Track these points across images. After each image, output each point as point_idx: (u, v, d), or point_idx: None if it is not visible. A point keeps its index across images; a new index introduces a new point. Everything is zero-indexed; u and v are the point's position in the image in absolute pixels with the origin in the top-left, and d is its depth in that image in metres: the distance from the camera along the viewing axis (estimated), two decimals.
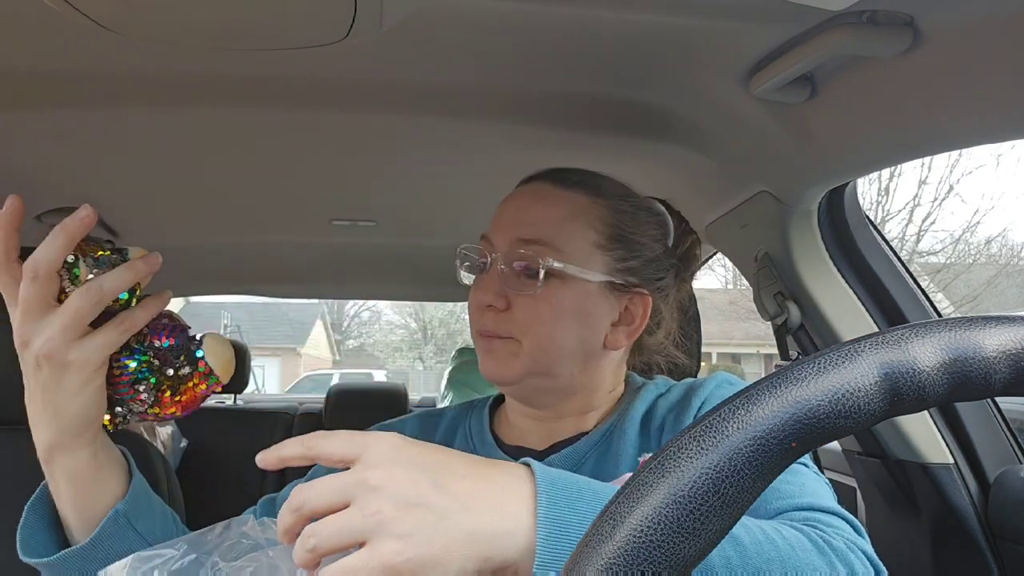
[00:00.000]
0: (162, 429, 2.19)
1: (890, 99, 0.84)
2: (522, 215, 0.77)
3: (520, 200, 0.79)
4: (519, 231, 0.75)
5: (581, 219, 0.76)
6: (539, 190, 0.79)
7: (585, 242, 0.76)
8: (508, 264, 0.75)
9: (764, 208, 1.21)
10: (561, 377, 0.76)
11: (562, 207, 0.76)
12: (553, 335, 0.74)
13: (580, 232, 0.76)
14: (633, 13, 0.79)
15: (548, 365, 0.75)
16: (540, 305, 0.74)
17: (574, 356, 0.76)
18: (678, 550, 0.30)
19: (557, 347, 0.75)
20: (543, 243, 0.74)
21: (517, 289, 0.74)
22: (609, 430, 0.77)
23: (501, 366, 0.75)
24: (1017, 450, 1.23)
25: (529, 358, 0.74)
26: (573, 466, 0.75)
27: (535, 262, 0.73)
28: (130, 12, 0.76)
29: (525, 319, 0.74)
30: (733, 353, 16.73)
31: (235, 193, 1.56)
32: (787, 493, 0.62)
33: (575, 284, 0.74)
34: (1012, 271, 12.90)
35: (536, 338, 0.74)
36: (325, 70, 0.97)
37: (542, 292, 0.73)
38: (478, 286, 0.77)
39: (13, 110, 1.06)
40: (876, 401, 0.31)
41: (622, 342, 0.79)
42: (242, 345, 2.64)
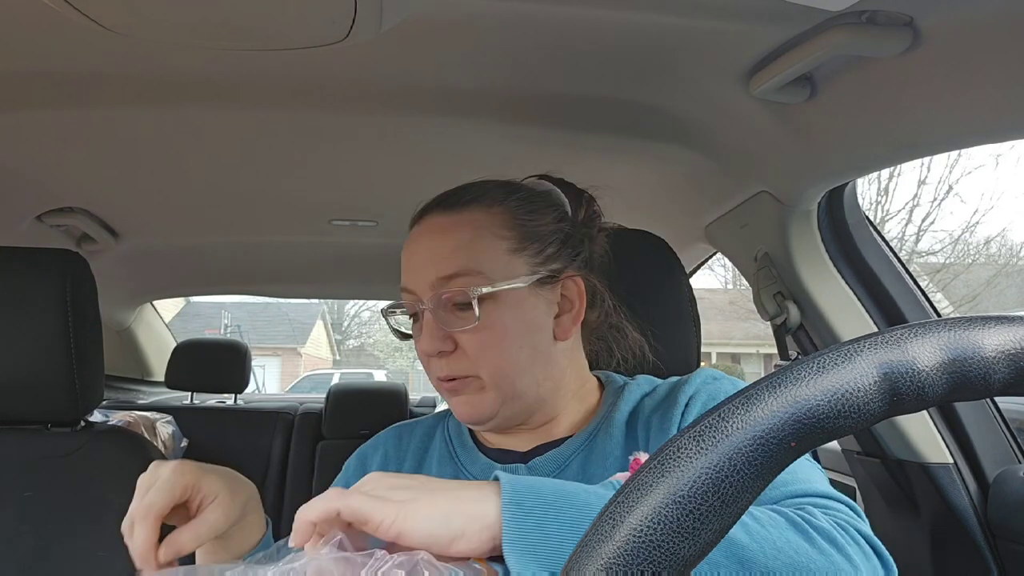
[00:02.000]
0: (162, 429, 2.19)
1: (890, 99, 0.84)
2: (430, 255, 0.75)
3: (421, 241, 0.77)
4: (435, 271, 0.73)
5: (486, 234, 0.75)
6: (435, 223, 0.77)
7: (500, 253, 0.74)
8: (437, 306, 0.73)
9: (764, 208, 1.21)
10: (529, 392, 0.75)
11: (462, 232, 0.75)
12: (508, 356, 0.73)
13: (490, 246, 0.74)
14: (633, 13, 0.79)
15: (514, 387, 0.74)
16: (484, 334, 0.72)
17: (533, 366, 0.75)
18: (678, 550, 0.30)
19: (515, 365, 0.74)
20: (463, 273, 0.73)
21: (457, 327, 0.73)
22: (594, 431, 0.77)
23: (474, 407, 0.75)
24: (1016, 450, 1.23)
25: (495, 388, 0.73)
26: (558, 467, 0.75)
27: (464, 295, 0.72)
28: (130, 12, 0.76)
29: (476, 353, 0.73)
30: (733, 353, 16.72)
31: (235, 193, 1.56)
32: (780, 481, 0.62)
33: (508, 298, 0.73)
34: (1011, 271, 12.89)
35: (493, 366, 0.73)
36: (325, 70, 0.97)
37: (482, 321, 0.72)
38: (419, 338, 0.75)
39: (13, 110, 1.06)
40: (875, 401, 0.31)
41: (570, 329, 0.78)
42: (242, 345, 2.64)
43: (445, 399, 0.78)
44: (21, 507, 1.11)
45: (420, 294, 0.75)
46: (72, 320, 1.10)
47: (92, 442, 1.16)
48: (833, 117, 0.92)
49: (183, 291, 3.05)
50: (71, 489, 1.13)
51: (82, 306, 1.12)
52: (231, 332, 15.13)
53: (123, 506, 1.20)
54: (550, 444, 0.78)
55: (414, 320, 0.78)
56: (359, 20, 0.77)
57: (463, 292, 0.72)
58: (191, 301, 15.31)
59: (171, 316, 13.53)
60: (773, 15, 0.76)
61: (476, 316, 0.71)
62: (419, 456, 0.83)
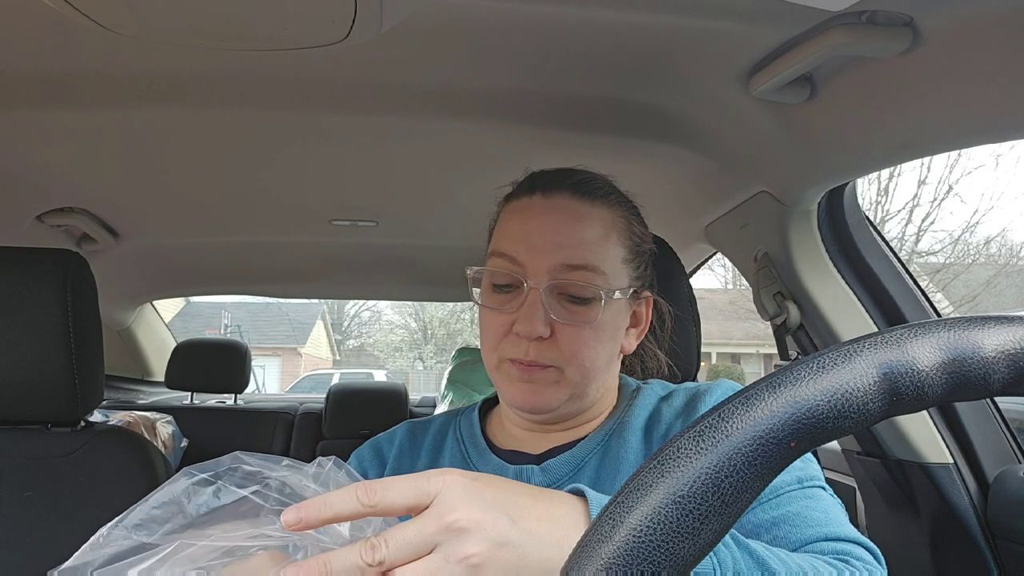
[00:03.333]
0: (162, 429, 2.19)
1: (890, 99, 0.84)
2: (561, 238, 0.72)
3: (549, 219, 0.74)
4: (564, 256, 0.71)
5: (613, 237, 0.75)
6: (570, 208, 0.74)
7: (617, 260, 0.74)
8: (552, 291, 0.71)
9: (764, 208, 1.21)
10: (591, 395, 0.76)
11: (595, 226, 0.74)
12: (596, 357, 0.73)
13: (613, 251, 0.74)
14: (633, 13, 0.79)
15: (586, 387, 0.74)
16: (587, 331, 0.72)
17: (604, 371, 0.76)
18: (678, 550, 0.30)
19: (596, 368, 0.74)
20: (589, 268, 0.71)
21: (566, 318, 0.71)
22: (608, 434, 0.77)
23: (544, 397, 0.72)
24: (1016, 450, 1.23)
25: (571, 385, 0.73)
26: (572, 470, 0.74)
27: (590, 290, 0.71)
28: (130, 12, 0.76)
29: (571, 347, 0.71)
30: (733, 353, 16.72)
31: (235, 193, 1.56)
32: (815, 521, 0.63)
33: (613, 304, 0.73)
34: (1011, 271, 12.88)
35: (581, 363, 0.72)
36: (326, 71, 0.97)
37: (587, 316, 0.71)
38: (521, 317, 0.71)
39: (13, 110, 1.06)
40: (875, 401, 0.31)
41: (633, 344, 0.79)
42: (242, 345, 2.64)
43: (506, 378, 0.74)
44: (21, 507, 1.11)
45: (532, 271, 0.72)
46: (72, 320, 1.10)
47: (92, 442, 1.16)
48: (833, 117, 0.92)
49: (183, 291, 3.05)
50: (71, 489, 1.13)
51: (82, 306, 1.12)
52: (231, 332, 15.13)
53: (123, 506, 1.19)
54: (564, 446, 0.77)
55: (503, 289, 0.74)
56: (359, 20, 0.77)
57: (591, 288, 0.71)
58: (191, 301, 15.32)
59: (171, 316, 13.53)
60: (773, 15, 0.76)
61: (598, 314, 0.71)
62: (432, 454, 0.82)
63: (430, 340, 24.06)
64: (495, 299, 0.75)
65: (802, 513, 0.64)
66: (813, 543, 0.62)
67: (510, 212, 0.77)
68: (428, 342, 24.10)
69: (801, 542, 0.62)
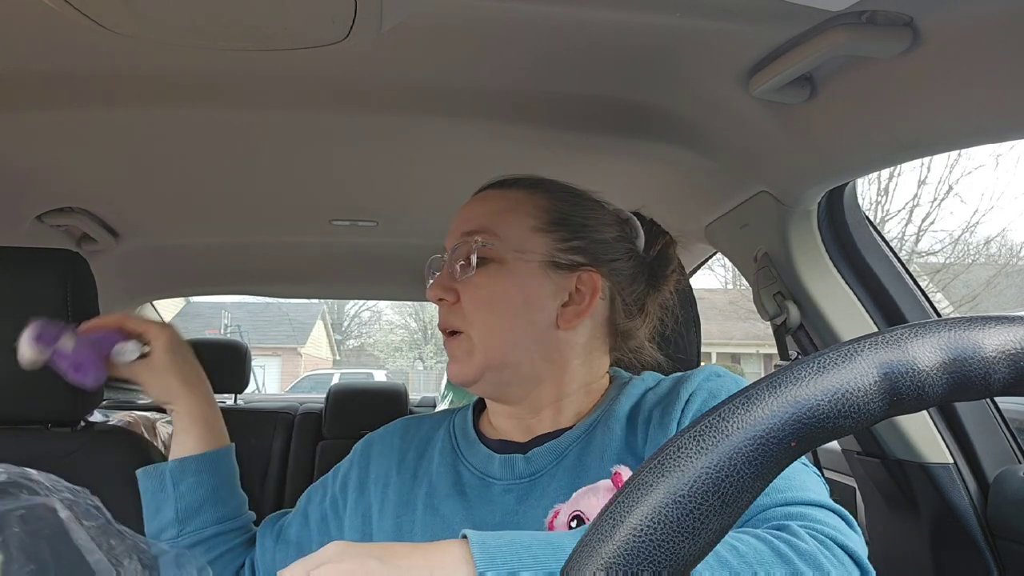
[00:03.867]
0: (162, 429, 2.19)
1: (890, 99, 0.84)
2: (466, 215, 0.82)
3: (467, 205, 0.84)
4: (460, 227, 0.80)
5: (518, 209, 0.80)
6: (483, 194, 0.84)
7: (522, 228, 0.78)
8: (452, 258, 0.79)
9: (764, 208, 1.21)
10: (521, 366, 0.77)
11: (500, 202, 0.81)
12: (498, 321, 0.77)
13: (516, 220, 0.79)
14: (633, 13, 0.79)
15: (503, 355, 0.77)
16: (481, 292, 0.77)
17: (526, 341, 0.77)
18: (678, 550, 0.30)
19: (504, 333, 0.77)
20: (480, 231, 0.78)
21: (462, 278, 0.77)
22: (593, 424, 0.77)
23: (460, 366, 0.78)
24: (1016, 450, 1.23)
25: (482, 351, 0.77)
26: (556, 458, 0.75)
27: (470, 247, 0.77)
28: (130, 12, 0.76)
29: (470, 309, 0.77)
30: (733, 353, 16.72)
31: (235, 193, 1.56)
32: (774, 487, 0.62)
33: (514, 267, 0.77)
34: (1011, 271, 12.88)
35: (483, 326, 0.77)
36: (326, 71, 0.97)
37: (483, 279, 0.76)
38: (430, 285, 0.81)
39: (13, 110, 1.06)
40: (875, 401, 0.31)
41: (573, 320, 0.79)
42: (242, 345, 2.64)
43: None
44: None
45: (448, 247, 0.81)
46: (73, 320, 1.09)
47: (92, 442, 1.16)
48: (833, 117, 0.92)
49: (183, 291, 3.05)
50: None
51: (82, 306, 1.12)
52: (231, 332, 15.13)
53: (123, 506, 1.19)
54: (550, 435, 0.78)
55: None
56: (359, 20, 0.77)
57: (471, 246, 0.77)
58: (191, 301, 15.30)
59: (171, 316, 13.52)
60: (773, 15, 0.76)
61: (472, 269, 0.76)
62: (421, 448, 0.85)
63: (430, 340, 24.06)
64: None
65: None
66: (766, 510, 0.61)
67: None
68: (428, 342, 24.09)
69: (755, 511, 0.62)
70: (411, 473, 0.82)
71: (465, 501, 0.76)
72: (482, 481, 0.78)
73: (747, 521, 0.61)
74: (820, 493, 0.64)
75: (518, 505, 0.74)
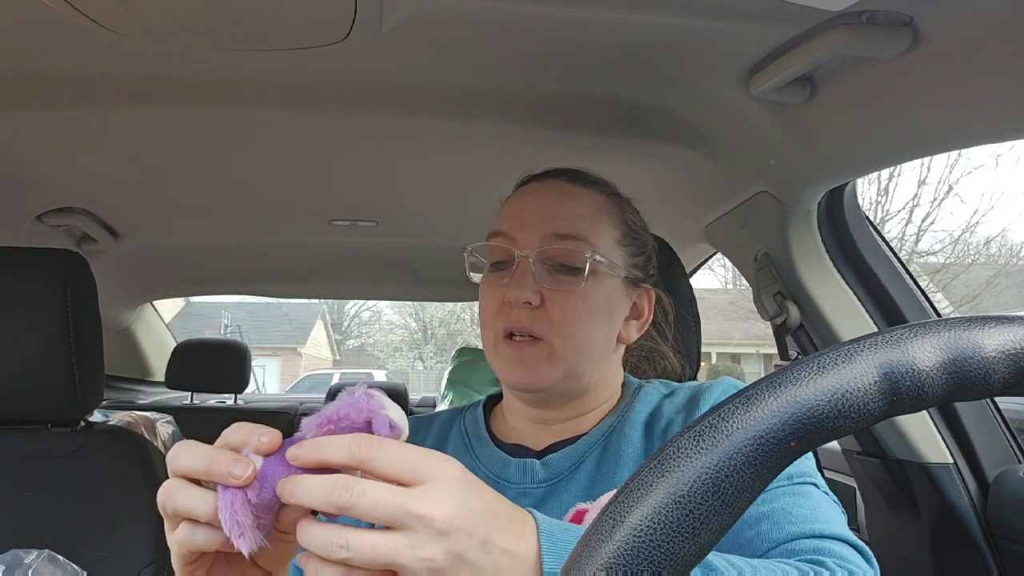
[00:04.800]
0: (162, 429, 2.19)
1: (890, 99, 0.84)
2: (552, 211, 0.76)
3: (545, 197, 0.78)
4: (552, 227, 0.74)
5: (605, 215, 0.78)
6: (561, 188, 0.78)
7: (609, 239, 0.77)
8: (542, 260, 0.74)
9: (764, 208, 1.21)
10: (584, 377, 0.76)
11: (587, 204, 0.77)
12: (587, 332, 0.74)
13: (605, 228, 0.77)
14: (633, 13, 0.79)
15: (579, 365, 0.75)
16: (576, 301, 0.73)
17: (597, 354, 0.77)
18: (678, 550, 0.30)
19: (588, 345, 0.75)
20: (579, 238, 0.74)
21: (554, 285, 0.73)
22: (609, 430, 0.77)
23: (535, 373, 0.73)
24: (1016, 450, 1.23)
25: (563, 362, 0.73)
26: (574, 464, 0.75)
27: (577, 257, 0.73)
28: (130, 12, 0.76)
29: (561, 316, 0.73)
30: (733, 353, 16.72)
31: (235, 193, 1.56)
32: (800, 518, 0.63)
33: (606, 279, 0.75)
34: (1011, 271, 12.88)
35: (571, 337, 0.73)
36: (326, 71, 0.97)
37: (581, 288, 0.73)
38: (510, 284, 0.73)
39: (13, 110, 1.06)
40: (875, 401, 0.31)
41: (633, 336, 0.80)
42: (242, 345, 2.64)
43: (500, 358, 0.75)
44: (21, 507, 1.11)
45: (523, 244, 0.75)
46: (72, 320, 1.10)
47: (92, 442, 1.16)
48: (833, 117, 0.92)
49: (183, 291, 3.05)
50: (71, 489, 1.13)
51: (82, 306, 1.12)
52: (231, 332, 15.13)
53: (123, 506, 1.19)
54: (565, 441, 0.78)
55: (498, 267, 0.77)
56: (359, 20, 0.77)
57: (576, 254, 0.73)
58: (191, 301, 15.31)
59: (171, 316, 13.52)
60: (773, 15, 0.76)
61: (584, 279, 0.73)
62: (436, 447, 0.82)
63: (430, 340, 24.07)
64: (492, 277, 0.78)
65: (788, 510, 0.63)
66: (794, 540, 0.61)
67: (508, 200, 0.82)
68: (428, 342, 24.10)
69: (783, 539, 0.61)
70: None
71: None
72: (496, 484, 0.76)
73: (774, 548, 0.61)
74: (843, 526, 0.64)
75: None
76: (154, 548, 1.10)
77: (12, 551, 0.85)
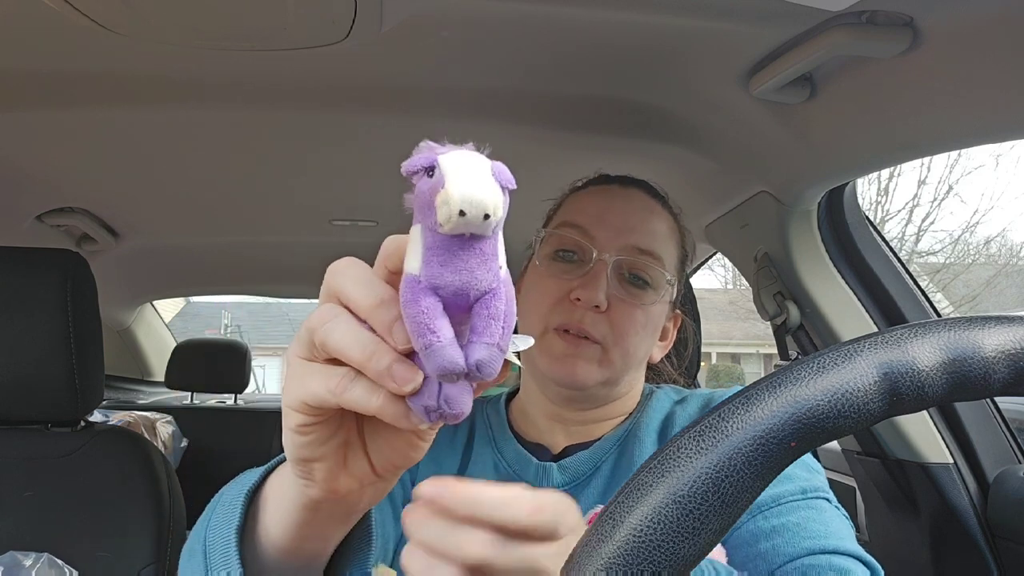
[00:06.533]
0: (162, 429, 2.19)
1: (890, 99, 0.84)
2: (637, 223, 0.77)
3: (630, 206, 0.78)
4: (636, 239, 0.75)
5: (675, 238, 0.80)
6: (644, 201, 0.80)
7: (674, 260, 0.79)
8: (617, 267, 0.75)
9: (764, 208, 1.21)
10: (620, 385, 0.78)
11: (664, 224, 0.79)
12: (639, 345, 0.76)
13: (673, 251, 0.79)
14: (633, 14, 0.79)
15: (621, 374, 0.76)
16: (639, 314, 0.74)
17: (637, 366, 0.78)
18: (678, 550, 0.30)
19: (635, 357, 0.76)
20: (656, 256, 0.76)
21: (622, 294, 0.74)
22: (624, 435, 0.78)
23: (585, 371, 0.73)
24: (1016, 450, 1.23)
25: (612, 366, 0.74)
26: (591, 469, 0.75)
27: (655, 274, 0.75)
28: (130, 12, 0.76)
29: (622, 325, 0.73)
30: (733, 353, 16.71)
31: (235, 193, 1.56)
32: (814, 533, 0.63)
33: (663, 300, 0.77)
34: (1011, 271, 12.88)
35: (625, 346, 0.74)
36: (325, 71, 0.97)
37: (645, 301, 0.75)
38: (583, 283, 0.73)
39: (13, 110, 1.06)
40: (875, 401, 0.31)
41: (658, 356, 0.82)
42: (242, 345, 2.64)
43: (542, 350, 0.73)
44: (21, 507, 1.11)
45: (603, 245, 0.75)
46: (72, 320, 1.10)
47: (92, 442, 1.16)
48: (833, 117, 0.92)
49: (183, 291, 3.05)
50: (71, 489, 1.13)
51: (82, 306, 1.12)
52: (231, 332, 15.12)
53: (123, 506, 1.19)
54: (581, 445, 0.78)
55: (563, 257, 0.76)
56: (359, 20, 0.77)
57: (654, 271, 0.75)
58: (191, 301, 15.29)
59: (171, 316, 13.51)
60: (773, 15, 0.76)
61: (658, 296, 0.75)
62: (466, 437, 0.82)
63: None
64: (555, 267, 0.77)
65: (801, 524, 0.64)
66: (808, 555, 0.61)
67: (584, 193, 0.82)
68: None
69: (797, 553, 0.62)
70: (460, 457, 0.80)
71: None
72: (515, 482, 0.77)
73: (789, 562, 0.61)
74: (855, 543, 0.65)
75: None
76: (154, 548, 1.10)
77: (10, 553, 0.86)
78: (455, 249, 0.33)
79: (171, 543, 1.13)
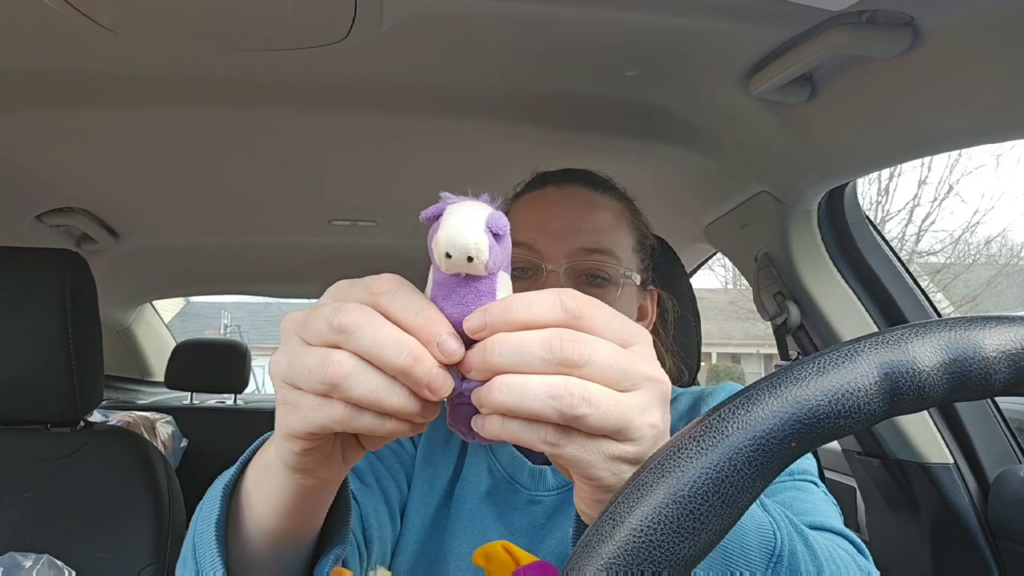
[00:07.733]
0: (162, 429, 2.19)
1: (890, 99, 0.84)
2: (580, 224, 0.75)
3: (569, 207, 0.77)
4: (581, 240, 0.74)
5: (624, 224, 0.78)
6: (584, 196, 0.78)
7: (627, 248, 0.78)
8: (570, 273, 0.73)
9: (764, 208, 1.21)
10: None
11: (607, 214, 0.77)
12: None
13: (625, 238, 0.77)
14: (633, 13, 0.79)
15: None
16: None
17: None
18: (678, 550, 0.30)
19: None
20: (605, 252, 0.74)
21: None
22: None
23: None
24: (1017, 450, 1.23)
25: None
26: None
27: (609, 270, 0.74)
28: (130, 12, 0.76)
29: None
30: (733, 353, 16.71)
31: (235, 193, 1.56)
32: (801, 511, 0.64)
33: (625, 289, 0.76)
34: (1012, 271, 12.88)
35: None
36: (325, 70, 0.97)
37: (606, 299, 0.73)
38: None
39: (13, 110, 1.06)
40: (876, 401, 0.31)
41: None
42: (242, 345, 2.64)
43: None
44: (21, 507, 1.11)
45: (550, 257, 0.74)
46: (72, 320, 1.10)
47: (92, 442, 1.16)
48: (833, 117, 0.92)
49: (183, 291, 3.05)
50: (71, 489, 1.13)
51: (82, 306, 1.12)
52: (231, 332, 15.12)
53: (123, 506, 1.19)
54: None
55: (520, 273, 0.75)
56: (359, 20, 0.77)
57: (607, 268, 0.73)
58: (191, 301, 15.29)
59: (171, 316, 13.51)
60: (773, 15, 0.76)
61: (617, 292, 0.73)
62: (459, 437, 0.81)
63: None
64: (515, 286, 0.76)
65: (788, 503, 0.64)
66: None
67: (522, 204, 0.80)
68: None
69: None
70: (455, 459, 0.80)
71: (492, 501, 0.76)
72: (509, 485, 0.77)
73: None
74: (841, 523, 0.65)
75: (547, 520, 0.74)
76: (154, 548, 1.10)
77: (9, 554, 0.86)
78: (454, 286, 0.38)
79: (171, 543, 1.13)
